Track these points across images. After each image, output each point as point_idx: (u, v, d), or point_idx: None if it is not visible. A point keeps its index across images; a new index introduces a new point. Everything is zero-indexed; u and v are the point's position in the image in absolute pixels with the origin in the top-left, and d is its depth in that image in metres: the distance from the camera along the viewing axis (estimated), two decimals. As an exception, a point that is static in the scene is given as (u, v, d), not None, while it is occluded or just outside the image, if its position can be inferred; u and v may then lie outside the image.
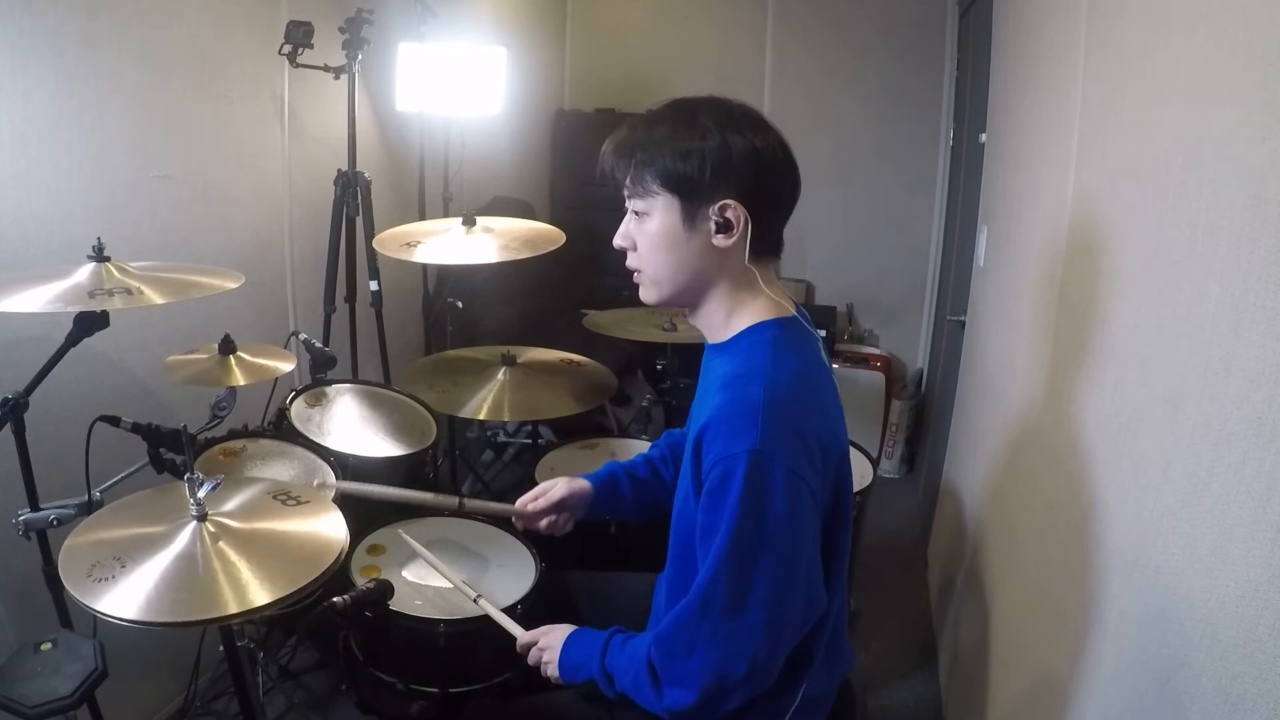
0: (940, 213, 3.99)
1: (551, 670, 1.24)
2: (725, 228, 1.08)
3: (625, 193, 1.13)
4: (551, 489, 1.43)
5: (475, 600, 1.44)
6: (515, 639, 1.33)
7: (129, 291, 1.33)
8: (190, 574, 1.12)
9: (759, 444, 0.98)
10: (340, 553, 1.23)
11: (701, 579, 1.03)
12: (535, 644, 1.29)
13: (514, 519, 1.47)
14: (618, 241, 1.17)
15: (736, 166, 1.05)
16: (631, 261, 1.17)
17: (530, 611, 1.52)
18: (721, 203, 1.06)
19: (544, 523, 1.45)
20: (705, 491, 1.03)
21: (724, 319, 1.15)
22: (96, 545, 1.15)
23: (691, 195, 1.07)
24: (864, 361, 3.94)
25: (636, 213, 1.13)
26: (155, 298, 1.34)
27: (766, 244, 1.12)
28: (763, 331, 1.11)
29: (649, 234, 1.11)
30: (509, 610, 1.50)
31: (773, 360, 1.07)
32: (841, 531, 1.13)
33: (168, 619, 1.05)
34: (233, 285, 1.48)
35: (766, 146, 1.07)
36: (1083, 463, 1.32)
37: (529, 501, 1.44)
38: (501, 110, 2.96)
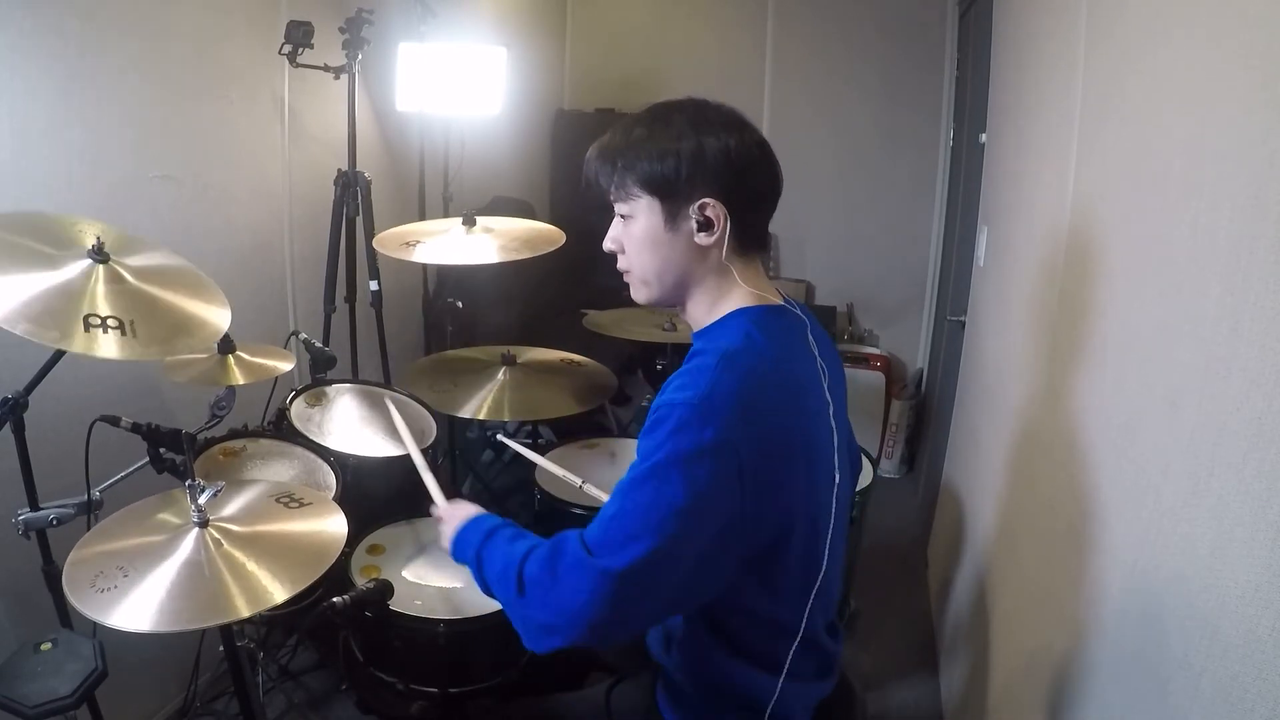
0: (940, 213, 3.99)
1: (444, 543, 1.26)
2: (706, 226, 1.09)
3: (610, 198, 1.16)
4: None
5: (413, 454, 1.47)
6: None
7: (105, 329, 1.28)
8: (196, 580, 1.13)
9: (699, 400, 0.99)
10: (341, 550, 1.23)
11: (602, 513, 1.03)
12: (444, 519, 1.30)
13: None
14: (607, 245, 1.19)
15: (712, 166, 1.07)
16: (621, 264, 1.19)
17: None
18: (700, 201, 1.08)
19: None
20: (643, 431, 1.04)
21: (707, 310, 1.16)
22: (100, 557, 1.16)
23: (671, 196, 1.09)
24: (864, 361, 3.94)
25: (622, 216, 1.15)
26: (115, 350, 1.28)
27: (750, 239, 1.14)
28: (741, 315, 1.12)
29: (634, 236, 1.14)
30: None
31: (743, 337, 1.07)
32: (820, 527, 1.09)
33: (176, 628, 1.06)
34: (223, 327, 1.44)
35: (741, 145, 1.08)
36: (1082, 463, 1.32)
37: None
38: (501, 110, 2.96)
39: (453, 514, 1.28)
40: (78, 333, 1.24)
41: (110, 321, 1.28)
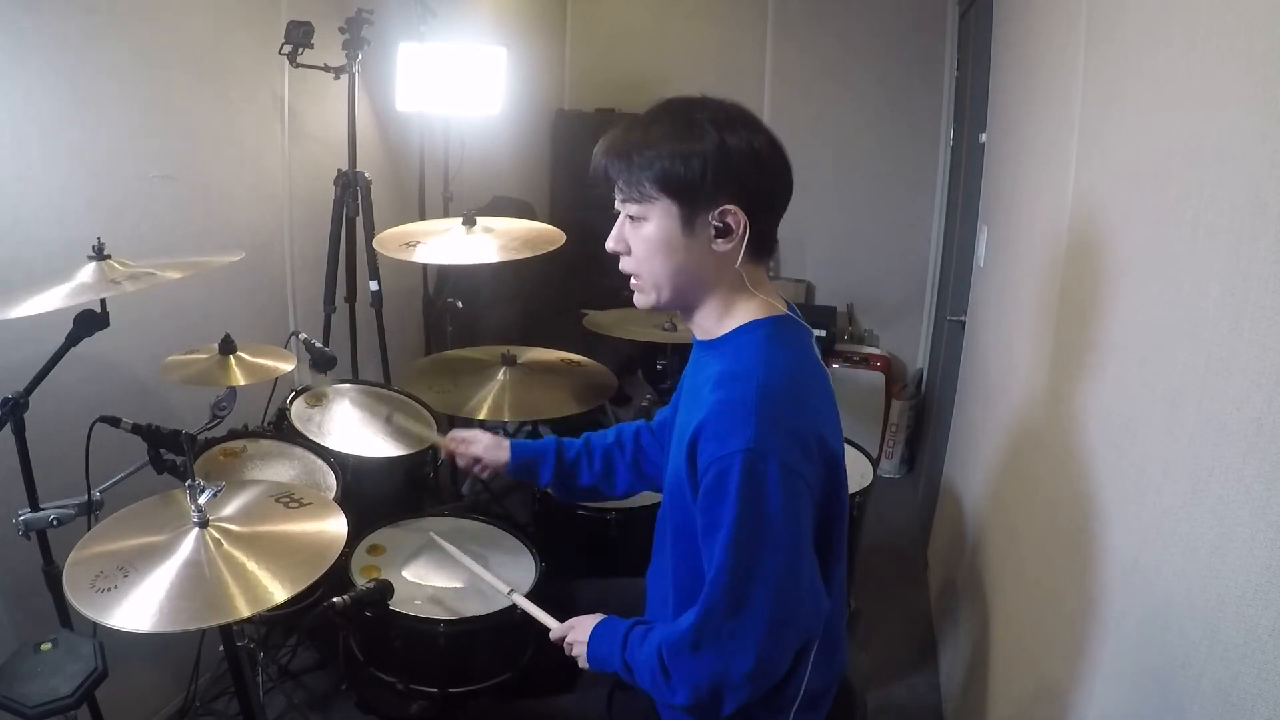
0: (940, 213, 3.99)
1: (582, 663, 1.25)
2: (724, 232, 1.07)
3: (619, 196, 1.10)
4: (474, 443, 1.51)
5: (509, 594, 1.46)
6: (546, 632, 1.35)
7: (136, 277, 1.35)
8: (196, 580, 1.13)
9: (753, 442, 0.98)
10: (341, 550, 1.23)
11: (709, 580, 1.04)
12: (565, 637, 1.30)
13: (439, 446, 1.58)
14: (611, 245, 1.14)
15: (736, 169, 1.04)
16: (626, 266, 1.14)
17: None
18: (722, 208, 1.05)
19: (461, 462, 1.53)
20: (702, 491, 1.03)
21: (717, 319, 1.14)
22: (100, 557, 1.16)
23: (691, 200, 1.05)
24: (864, 361, 3.94)
25: (632, 217, 1.10)
26: (170, 274, 1.37)
27: (763, 244, 1.11)
28: (755, 330, 1.11)
29: (646, 239, 1.09)
30: (508, 610, 1.50)
31: (765, 358, 1.06)
32: (837, 526, 1.12)
33: (175, 628, 1.06)
34: (234, 258, 1.50)
35: (765, 146, 1.06)
36: (1083, 463, 1.32)
37: (457, 443, 1.53)
38: (501, 110, 2.96)
39: (577, 633, 1.27)
40: (123, 284, 1.33)
41: (146, 270, 1.37)
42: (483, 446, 1.50)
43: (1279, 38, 0.80)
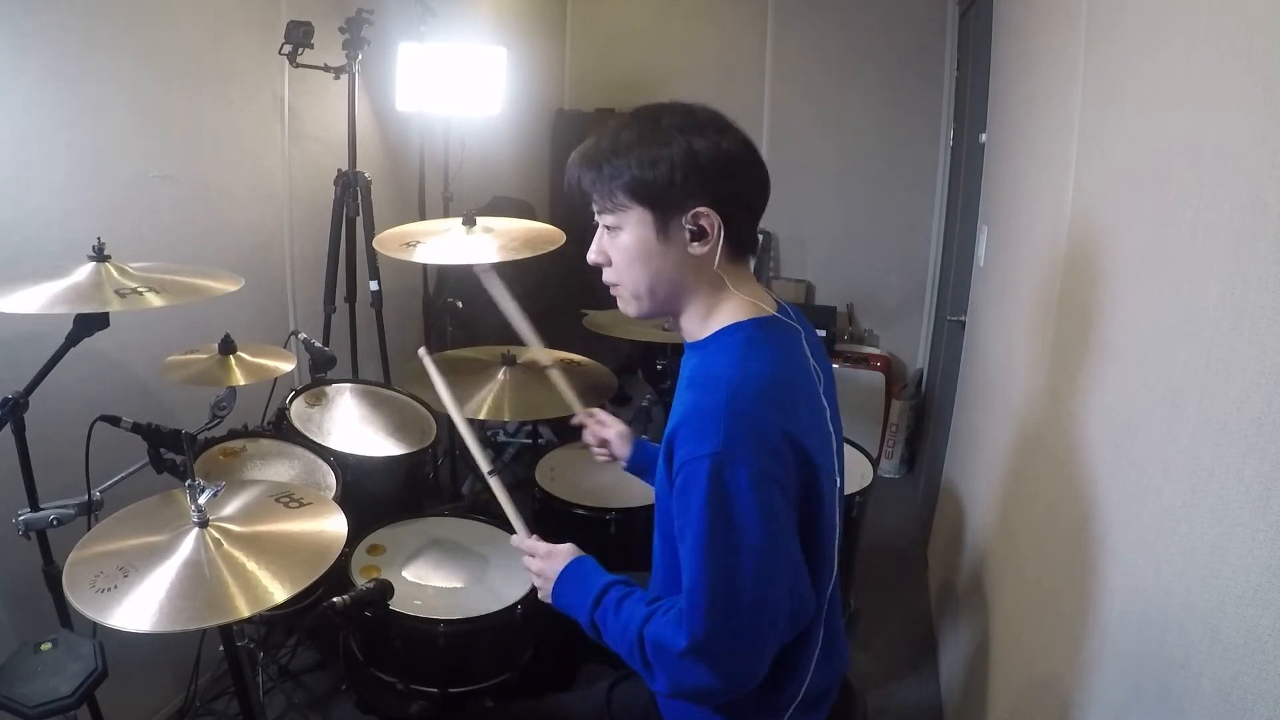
0: (940, 213, 3.99)
1: (543, 596, 1.24)
2: (699, 235, 1.07)
3: (595, 207, 1.12)
4: (607, 426, 1.55)
5: (488, 475, 1.42)
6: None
7: (138, 292, 1.34)
8: (196, 580, 1.13)
9: (721, 446, 0.98)
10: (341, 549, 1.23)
11: (687, 585, 1.03)
12: (534, 556, 1.27)
13: (577, 419, 1.61)
14: (592, 258, 1.15)
15: (705, 170, 1.04)
16: (608, 276, 1.15)
17: (531, 610, 1.53)
18: (694, 211, 1.06)
19: (589, 438, 1.57)
20: (675, 494, 1.03)
21: (701, 321, 1.14)
22: (100, 557, 1.16)
23: (663, 206, 1.06)
24: (864, 361, 3.94)
25: (608, 227, 1.12)
26: (156, 300, 1.35)
27: (741, 244, 1.12)
28: (735, 332, 1.10)
29: (623, 248, 1.10)
30: (508, 610, 1.50)
31: (741, 361, 1.06)
32: (818, 527, 1.11)
33: (175, 628, 1.06)
34: (232, 288, 1.48)
35: (733, 147, 1.06)
36: (1083, 463, 1.32)
37: (594, 422, 1.57)
38: (501, 110, 2.96)
39: (547, 558, 1.25)
40: (114, 299, 1.32)
41: (138, 288, 1.36)
42: (615, 433, 1.54)
43: (1279, 38, 0.80)
